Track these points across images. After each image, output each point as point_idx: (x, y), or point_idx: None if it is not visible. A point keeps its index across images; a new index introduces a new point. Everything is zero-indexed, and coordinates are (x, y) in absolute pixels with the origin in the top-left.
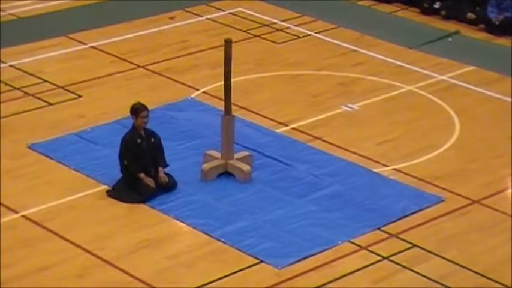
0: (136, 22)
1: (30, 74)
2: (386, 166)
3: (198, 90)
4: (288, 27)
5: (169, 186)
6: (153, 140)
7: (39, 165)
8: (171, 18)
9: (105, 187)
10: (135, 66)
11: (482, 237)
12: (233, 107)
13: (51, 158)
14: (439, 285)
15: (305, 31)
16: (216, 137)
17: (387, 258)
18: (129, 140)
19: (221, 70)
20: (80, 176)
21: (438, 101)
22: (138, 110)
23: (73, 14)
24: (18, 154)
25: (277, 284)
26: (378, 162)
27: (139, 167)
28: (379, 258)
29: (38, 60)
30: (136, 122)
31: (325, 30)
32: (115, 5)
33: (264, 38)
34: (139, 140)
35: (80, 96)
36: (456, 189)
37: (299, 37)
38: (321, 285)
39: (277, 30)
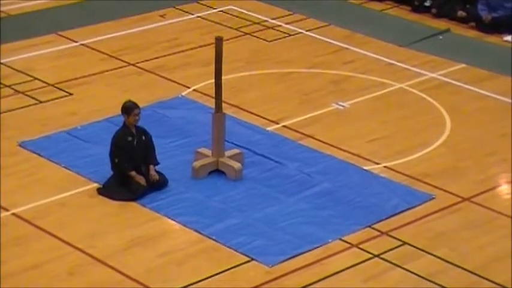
0: (127, 20)
1: (21, 72)
2: (377, 164)
3: (189, 88)
4: (279, 25)
5: (160, 184)
6: (144, 137)
7: (30, 163)
8: (162, 16)
9: (96, 185)
10: (126, 64)
11: (473, 234)
12: (224, 105)
13: (41, 156)
14: (429, 283)
15: (296, 29)
16: (207, 134)
17: (378, 256)
18: (120, 138)
19: (212, 68)
20: (71, 174)
21: (429, 98)
22: (129, 108)
23: (64, 11)
24: (8, 152)
25: (268, 281)
26: (369, 160)
27: (130, 165)
28: (369, 256)
29: (29, 57)
30: (128, 120)
31: (316, 28)
32: (106, 3)
33: (255, 36)
34: (130, 138)
35: (70, 94)
36: (447, 187)
37: (290, 35)
38: (311, 283)
39: (268, 28)
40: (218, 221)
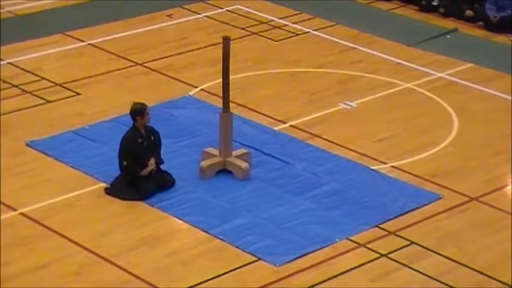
0: (134, 20)
1: (28, 72)
2: (385, 164)
3: (196, 87)
4: (286, 25)
5: (167, 184)
6: (153, 138)
7: (37, 162)
8: (169, 15)
9: (104, 185)
10: (133, 63)
11: (480, 234)
12: (231, 105)
13: (49, 156)
14: (437, 283)
15: (303, 28)
16: (215, 134)
17: (385, 255)
18: (130, 141)
19: (219, 67)
20: (78, 174)
21: (437, 98)
22: (142, 110)
23: (71, 11)
24: (16, 152)
25: (275, 281)
26: (377, 160)
27: (139, 167)
28: (377, 255)
29: (36, 57)
30: (142, 122)
31: (323, 28)
32: (113, 3)
33: (262, 36)
34: (140, 140)
35: (78, 93)
36: (454, 187)
37: (297, 35)
38: (319, 283)
39: (276, 27)
40: (225, 221)
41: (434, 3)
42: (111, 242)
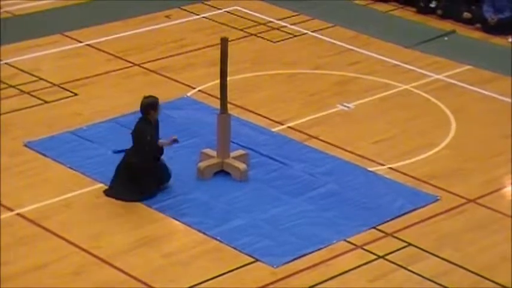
0: (132, 20)
1: (26, 72)
2: (382, 165)
3: (194, 88)
4: (284, 26)
5: (165, 178)
6: (158, 127)
7: (35, 163)
8: (168, 16)
9: (101, 185)
10: (131, 64)
11: (478, 236)
12: (229, 106)
13: (47, 156)
14: (434, 284)
15: (301, 30)
16: (212, 135)
17: (383, 257)
18: (147, 134)
19: (217, 68)
20: (76, 174)
21: (434, 100)
22: (155, 103)
23: (69, 11)
24: (14, 152)
25: (272, 282)
26: (374, 161)
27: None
28: (374, 257)
29: (34, 58)
30: (155, 115)
31: (321, 29)
32: (111, 3)
33: (260, 37)
34: (153, 132)
35: (76, 94)
36: (452, 189)
37: (295, 36)
38: (316, 284)
39: (274, 29)
40: (223, 222)
41: (432, 5)
42: (109, 242)
